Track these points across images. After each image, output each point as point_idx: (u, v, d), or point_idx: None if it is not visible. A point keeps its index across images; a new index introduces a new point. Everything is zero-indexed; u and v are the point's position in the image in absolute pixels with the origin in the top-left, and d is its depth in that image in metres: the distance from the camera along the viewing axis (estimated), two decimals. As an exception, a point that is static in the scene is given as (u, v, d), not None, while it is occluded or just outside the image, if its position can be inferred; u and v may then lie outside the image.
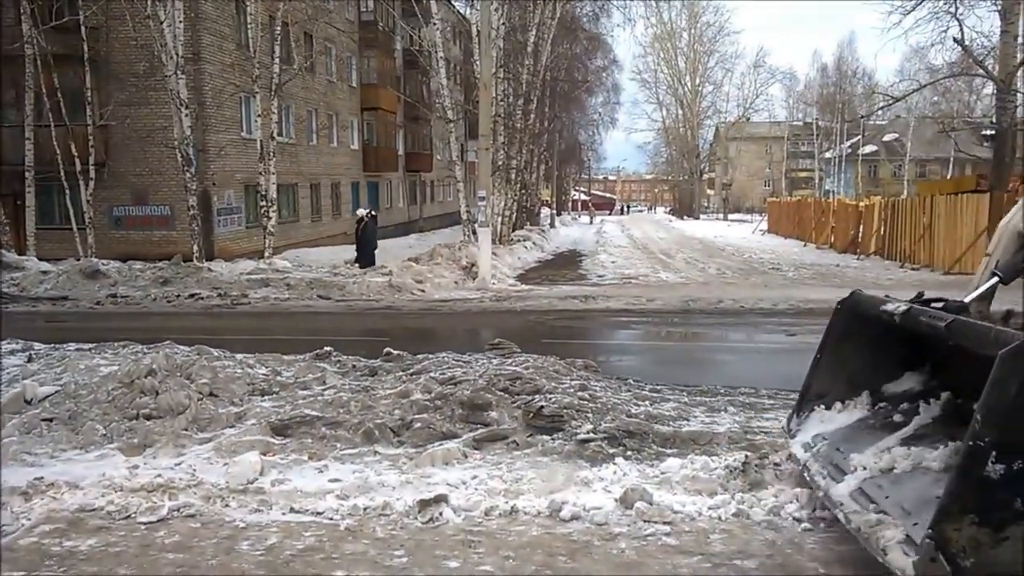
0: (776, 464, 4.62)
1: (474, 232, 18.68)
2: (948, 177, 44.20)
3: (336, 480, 4.64)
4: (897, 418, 4.13)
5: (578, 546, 3.83)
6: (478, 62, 20.15)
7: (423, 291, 15.22)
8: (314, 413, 5.59)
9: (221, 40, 21.75)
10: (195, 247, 18.39)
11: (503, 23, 21.80)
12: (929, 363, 4.33)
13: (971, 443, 2.81)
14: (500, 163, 22.87)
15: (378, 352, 7.69)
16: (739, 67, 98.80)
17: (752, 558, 3.69)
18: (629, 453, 4.96)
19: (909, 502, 3.32)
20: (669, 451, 5.02)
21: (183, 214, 19.44)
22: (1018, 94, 22.10)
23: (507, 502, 4.28)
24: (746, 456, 4.64)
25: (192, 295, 14.67)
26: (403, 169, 39.30)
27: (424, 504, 4.17)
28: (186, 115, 18.01)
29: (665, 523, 4.05)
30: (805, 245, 30.16)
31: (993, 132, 23.73)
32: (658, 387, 6.81)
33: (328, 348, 7.72)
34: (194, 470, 4.78)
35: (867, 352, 4.41)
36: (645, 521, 4.06)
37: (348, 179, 32.23)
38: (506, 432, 5.30)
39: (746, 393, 6.74)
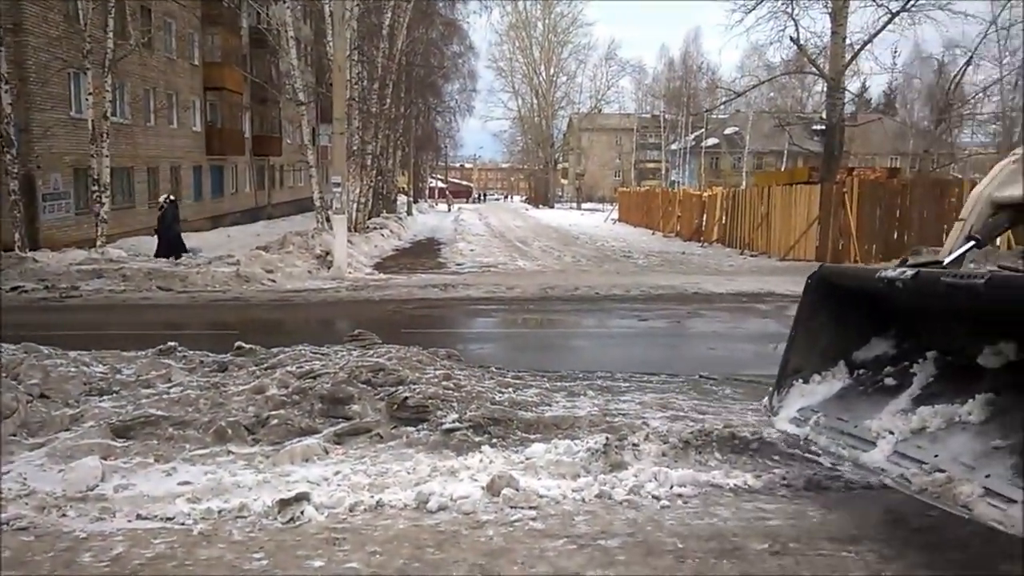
0: (635, 444, 4.78)
1: (328, 219, 18.21)
2: (783, 169, 47.25)
3: (186, 483, 4.39)
4: (889, 382, 4.19)
5: (445, 536, 3.81)
6: (331, 43, 19.60)
7: (274, 281, 14.69)
8: (159, 413, 5.25)
9: (46, 11, 19.92)
10: (17, 235, 17.06)
11: (357, 4, 21.30)
12: (896, 327, 4.43)
13: None
14: (355, 148, 22.42)
15: (227, 346, 7.31)
16: (592, 59, 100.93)
17: (615, 537, 3.80)
18: (495, 440, 4.99)
19: (966, 457, 3.37)
20: (533, 437, 5.09)
21: (3, 200, 17.75)
22: (846, 92, 23.99)
23: (372, 496, 4.19)
24: (606, 438, 4.78)
25: (15, 288, 13.47)
26: (250, 153, 37.68)
27: (284, 503, 4.01)
28: (6, 91, 16.61)
29: (531, 508, 4.10)
30: (653, 233, 31.55)
31: (824, 127, 25.64)
32: (520, 374, 6.90)
33: (172, 343, 7.26)
34: (25, 478, 4.38)
35: (839, 322, 4.52)
36: (512, 507, 4.10)
37: (190, 162, 30.50)
38: (369, 425, 5.19)
39: (603, 377, 6.99)
